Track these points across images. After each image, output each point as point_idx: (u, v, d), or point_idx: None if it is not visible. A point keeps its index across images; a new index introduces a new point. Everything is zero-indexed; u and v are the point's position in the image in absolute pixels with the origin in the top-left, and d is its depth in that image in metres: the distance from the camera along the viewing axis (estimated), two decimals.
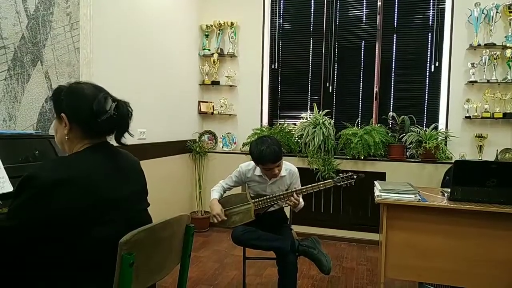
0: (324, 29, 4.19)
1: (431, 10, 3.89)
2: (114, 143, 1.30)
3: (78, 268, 1.12)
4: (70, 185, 1.08)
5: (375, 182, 2.59)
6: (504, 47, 3.54)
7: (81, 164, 1.16)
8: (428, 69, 3.93)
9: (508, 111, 3.56)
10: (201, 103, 4.42)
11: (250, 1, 4.31)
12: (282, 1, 4.32)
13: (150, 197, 1.44)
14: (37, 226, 1.07)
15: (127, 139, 1.30)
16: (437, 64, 3.87)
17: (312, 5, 4.23)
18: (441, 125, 3.85)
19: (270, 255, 2.40)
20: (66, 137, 1.23)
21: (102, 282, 1.14)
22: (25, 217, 1.06)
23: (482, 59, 3.62)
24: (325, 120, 3.90)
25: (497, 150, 3.60)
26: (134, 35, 3.20)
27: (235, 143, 4.37)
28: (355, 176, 2.35)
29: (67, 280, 1.12)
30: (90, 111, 1.19)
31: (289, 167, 2.49)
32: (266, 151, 2.24)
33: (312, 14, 4.25)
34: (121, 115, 1.24)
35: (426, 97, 3.95)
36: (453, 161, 3.45)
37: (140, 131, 3.27)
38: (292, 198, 2.30)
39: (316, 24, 4.23)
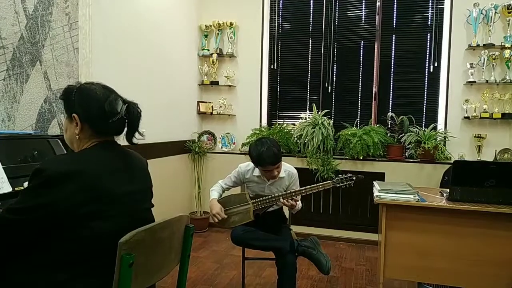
0: (323, 29, 4.19)
1: (430, 11, 3.89)
2: (123, 143, 1.34)
3: (77, 261, 1.14)
4: (75, 178, 1.11)
5: (374, 182, 2.59)
6: (503, 48, 3.54)
7: (89, 159, 1.20)
8: (427, 70, 3.93)
9: (507, 112, 3.57)
10: (200, 103, 4.42)
11: (249, 1, 4.31)
12: (281, 1, 4.32)
13: None
14: (41, 214, 1.10)
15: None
16: (436, 65, 3.88)
17: (311, 5, 4.23)
18: (440, 126, 3.85)
19: (269, 256, 2.40)
20: (77, 136, 1.27)
21: (101, 277, 1.15)
22: (31, 203, 1.10)
23: (481, 60, 3.63)
24: (324, 121, 3.90)
25: (495, 151, 3.60)
26: (133, 35, 3.20)
27: (234, 143, 4.37)
28: (354, 178, 2.34)
29: (66, 273, 1.13)
30: (102, 112, 1.23)
31: (288, 168, 2.49)
32: (265, 153, 2.24)
33: (311, 14, 4.25)
34: (131, 116, 1.28)
35: (425, 97, 3.95)
36: (452, 162, 3.46)
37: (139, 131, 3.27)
38: (290, 200, 2.29)
39: (315, 24, 4.23)
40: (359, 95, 4.14)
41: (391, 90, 4.05)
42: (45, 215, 1.10)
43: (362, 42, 4.11)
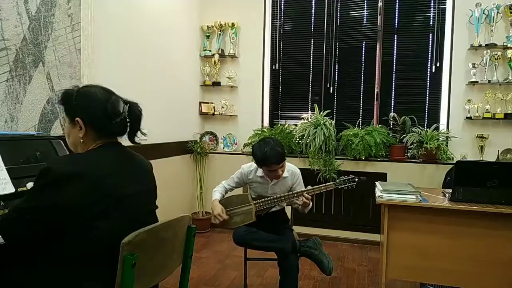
0: (325, 30, 4.19)
1: (432, 11, 3.89)
2: (126, 143, 1.35)
3: (80, 262, 1.14)
4: (80, 179, 1.12)
5: (376, 182, 2.59)
6: (505, 48, 3.53)
7: (95, 160, 1.21)
8: (429, 70, 3.92)
9: (509, 112, 3.56)
10: (202, 104, 4.42)
11: (251, 2, 4.32)
12: (282, 2, 4.32)
13: None
14: (47, 214, 1.11)
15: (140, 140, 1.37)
16: (438, 65, 3.87)
17: (313, 6, 4.23)
18: (442, 126, 3.85)
19: (271, 256, 2.41)
20: (81, 140, 1.28)
21: (103, 278, 1.15)
22: (38, 202, 1.12)
23: (483, 60, 3.62)
24: (326, 121, 3.90)
25: (498, 151, 3.59)
26: (135, 36, 3.21)
27: (236, 143, 4.37)
28: (356, 179, 2.34)
29: (69, 274, 1.14)
30: (105, 114, 1.25)
31: (291, 168, 2.49)
32: (269, 152, 2.23)
33: (313, 15, 4.25)
34: (133, 116, 1.31)
35: (427, 97, 3.95)
36: (454, 162, 3.45)
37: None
38: (304, 197, 2.26)
39: (317, 24, 4.23)
40: (361, 95, 4.13)
41: (393, 90, 4.04)
42: (51, 215, 1.11)
43: (364, 42, 4.11)
